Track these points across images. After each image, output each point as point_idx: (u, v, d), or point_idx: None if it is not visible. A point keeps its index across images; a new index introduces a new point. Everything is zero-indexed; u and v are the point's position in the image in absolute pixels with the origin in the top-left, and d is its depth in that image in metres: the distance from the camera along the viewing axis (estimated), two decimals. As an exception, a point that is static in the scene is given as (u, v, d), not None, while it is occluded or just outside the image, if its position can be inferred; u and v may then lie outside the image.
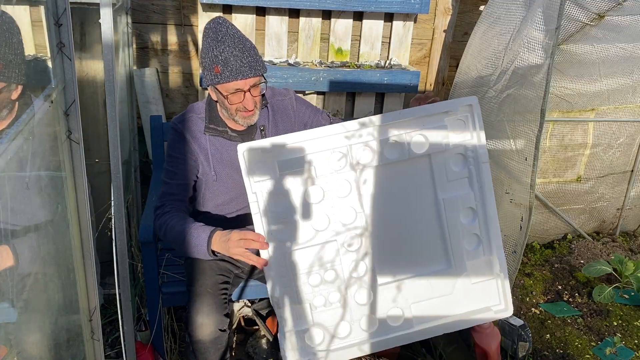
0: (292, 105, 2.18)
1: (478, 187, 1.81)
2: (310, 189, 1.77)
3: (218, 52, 1.86)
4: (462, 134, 1.79)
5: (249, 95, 1.92)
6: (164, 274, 2.35)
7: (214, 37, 1.88)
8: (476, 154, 1.80)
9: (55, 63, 1.26)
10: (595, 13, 2.60)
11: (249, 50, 1.90)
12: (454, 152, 1.79)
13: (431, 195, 1.80)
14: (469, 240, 1.85)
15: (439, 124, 1.76)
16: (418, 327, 1.88)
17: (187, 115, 2.10)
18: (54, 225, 1.43)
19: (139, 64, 3.13)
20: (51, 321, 1.44)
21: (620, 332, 2.74)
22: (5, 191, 1.17)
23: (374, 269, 1.81)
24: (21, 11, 2.73)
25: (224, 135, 2.07)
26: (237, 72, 1.87)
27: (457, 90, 3.18)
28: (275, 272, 1.79)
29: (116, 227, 1.80)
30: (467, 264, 1.85)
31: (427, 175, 1.79)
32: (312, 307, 1.80)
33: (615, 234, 3.66)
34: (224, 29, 1.89)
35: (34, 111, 1.44)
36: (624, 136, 3.37)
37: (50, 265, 1.47)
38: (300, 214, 1.77)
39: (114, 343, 2.49)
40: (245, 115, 1.97)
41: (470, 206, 1.83)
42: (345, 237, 1.78)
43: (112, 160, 1.71)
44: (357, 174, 1.77)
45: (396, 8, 3.12)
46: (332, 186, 1.78)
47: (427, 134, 1.76)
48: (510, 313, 1.91)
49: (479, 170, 1.81)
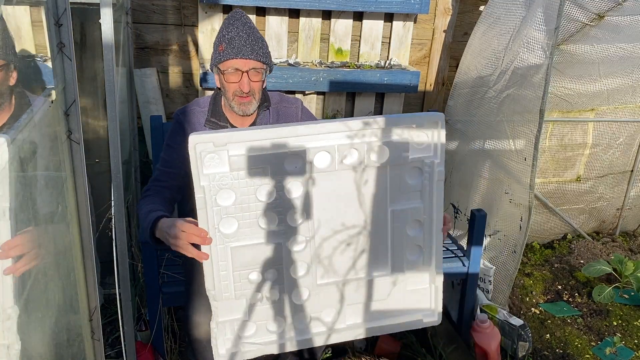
0: (297, 115, 2.17)
1: (428, 201, 1.80)
2: (261, 187, 1.72)
3: (226, 31, 1.92)
4: (423, 149, 1.77)
5: (246, 77, 1.93)
6: (164, 274, 2.35)
7: (226, 22, 1.95)
8: (432, 170, 1.78)
9: (55, 63, 1.26)
10: (595, 13, 2.60)
11: (257, 38, 1.94)
12: (411, 165, 1.78)
13: (383, 205, 1.79)
14: (411, 251, 1.85)
15: (402, 136, 1.75)
16: (348, 328, 1.90)
17: (190, 107, 2.11)
18: (54, 225, 1.43)
19: (139, 64, 3.13)
20: (51, 321, 1.44)
21: (620, 332, 2.74)
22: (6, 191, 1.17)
23: (315, 270, 1.81)
24: (21, 11, 2.73)
25: (223, 129, 2.07)
26: (238, 51, 1.89)
27: (457, 90, 3.19)
28: (215, 267, 1.75)
29: (116, 227, 1.80)
30: (406, 272, 1.87)
31: (382, 185, 1.78)
32: (248, 303, 1.79)
33: (615, 234, 3.66)
34: (238, 16, 1.95)
35: (34, 111, 1.44)
36: (623, 136, 3.38)
37: (51, 265, 1.47)
38: (248, 211, 1.74)
39: (114, 343, 2.49)
40: (241, 100, 1.96)
41: (418, 219, 1.82)
42: (292, 238, 1.77)
43: (112, 160, 1.71)
44: (310, 176, 1.74)
45: (396, 8, 3.12)
46: (284, 186, 1.74)
47: (389, 145, 1.75)
48: (439, 322, 1.93)
49: (432, 187, 1.79)
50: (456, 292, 2.77)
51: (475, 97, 2.99)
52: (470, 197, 2.99)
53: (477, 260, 2.57)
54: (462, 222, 3.00)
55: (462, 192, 3.07)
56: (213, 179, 1.68)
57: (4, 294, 1.15)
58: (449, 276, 2.68)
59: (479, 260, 2.58)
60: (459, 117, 3.16)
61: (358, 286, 1.86)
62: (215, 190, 1.69)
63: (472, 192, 2.99)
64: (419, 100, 3.54)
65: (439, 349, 2.52)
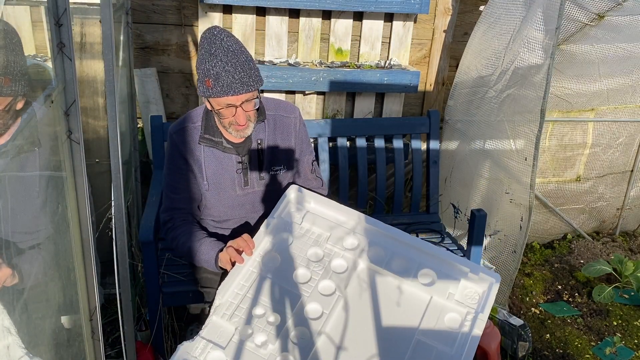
0: (295, 125, 2.13)
1: (456, 350, 1.69)
2: (313, 248, 1.92)
3: (210, 65, 1.82)
4: (469, 300, 1.78)
5: (240, 110, 1.87)
6: (164, 274, 2.35)
7: (207, 49, 1.83)
8: (472, 326, 1.72)
9: (56, 63, 1.26)
10: (595, 13, 2.60)
11: (242, 65, 1.83)
12: (452, 309, 1.77)
13: (412, 328, 1.74)
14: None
15: (453, 276, 1.82)
16: None
17: (183, 125, 2.06)
18: (54, 225, 1.43)
19: (139, 64, 3.13)
20: (52, 321, 1.44)
21: (620, 331, 2.74)
22: (6, 191, 1.17)
23: (314, 348, 1.74)
24: (21, 11, 2.73)
25: (218, 146, 2.03)
26: (227, 88, 1.82)
27: (457, 90, 3.19)
28: (236, 282, 1.85)
29: (116, 227, 1.80)
30: None
31: (419, 309, 1.79)
32: (238, 337, 1.75)
33: (615, 234, 3.66)
34: (218, 42, 1.83)
35: (35, 111, 1.44)
36: (623, 136, 3.38)
37: (51, 265, 1.47)
38: (293, 260, 1.89)
39: (114, 343, 2.49)
40: (238, 128, 1.93)
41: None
42: (313, 302, 1.81)
43: (112, 160, 1.71)
44: (356, 262, 1.89)
45: (396, 8, 3.12)
46: (332, 260, 1.90)
47: (435, 274, 1.83)
48: None
49: (465, 342, 1.70)
50: (456, 292, 2.77)
51: (475, 97, 2.99)
52: (470, 197, 2.99)
53: (477, 260, 2.57)
54: (462, 222, 3.00)
55: (462, 192, 3.07)
56: (284, 219, 1.98)
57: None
58: (449, 276, 2.69)
59: (479, 260, 2.58)
60: (459, 117, 3.16)
61: None
62: (281, 228, 1.96)
63: (472, 192, 2.99)
64: (419, 100, 3.54)
65: (439, 349, 2.52)
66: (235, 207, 2.11)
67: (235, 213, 2.13)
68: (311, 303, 1.79)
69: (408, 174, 3.29)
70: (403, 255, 1.87)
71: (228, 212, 2.12)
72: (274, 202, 2.11)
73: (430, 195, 3.00)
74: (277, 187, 2.14)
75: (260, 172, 2.08)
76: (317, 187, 2.23)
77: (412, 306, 1.78)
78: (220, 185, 2.06)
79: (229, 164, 2.05)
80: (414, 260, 1.86)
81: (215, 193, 2.07)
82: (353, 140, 2.95)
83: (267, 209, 2.15)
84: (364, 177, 2.94)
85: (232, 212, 2.12)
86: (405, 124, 3.00)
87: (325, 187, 2.29)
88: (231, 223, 2.16)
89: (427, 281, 1.82)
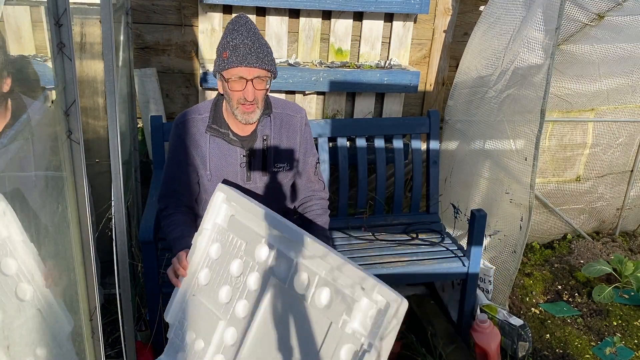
0: (301, 125, 2.15)
1: None
2: (235, 261, 1.78)
3: (230, 38, 1.88)
4: (364, 328, 1.48)
5: (250, 85, 1.90)
6: (164, 274, 2.35)
7: (230, 27, 1.91)
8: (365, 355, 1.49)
9: (56, 63, 1.26)
10: (595, 13, 2.60)
11: (261, 45, 1.91)
12: (348, 339, 1.50)
13: (314, 351, 1.56)
14: None
15: (353, 296, 1.52)
16: None
17: (188, 116, 2.09)
18: (54, 225, 1.43)
19: (139, 64, 3.13)
20: (51, 321, 1.44)
21: (620, 332, 2.74)
22: (6, 191, 1.17)
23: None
24: (21, 11, 2.73)
25: (224, 137, 2.05)
26: (242, 59, 1.86)
27: (457, 90, 3.19)
28: (173, 308, 1.89)
29: (116, 227, 1.80)
30: None
31: (319, 336, 1.56)
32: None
33: (615, 234, 3.66)
34: (242, 21, 1.91)
35: (34, 111, 1.44)
36: (623, 136, 3.38)
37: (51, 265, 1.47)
38: (219, 276, 1.82)
39: (114, 343, 2.49)
40: (245, 110, 1.94)
41: None
42: (231, 327, 1.74)
43: (112, 160, 1.71)
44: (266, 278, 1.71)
45: (396, 8, 3.12)
46: (247, 276, 1.75)
47: (334, 294, 1.55)
48: None
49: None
50: (456, 292, 2.77)
51: (475, 97, 2.99)
52: (470, 197, 2.99)
53: (477, 260, 2.57)
54: (462, 222, 3.00)
55: (462, 192, 3.07)
56: (214, 228, 1.85)
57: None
58: (449, 276, 2.69)
59: (479, 260, 2.58)
60: (459, 117, 3.16)
61: None
62: (213, 240, 1.85)
63: (472, 192, 2.99)
64: (419, 100, 3.54)
65: (439, 349, 2.52)
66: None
67: None
68: (229, 328, 1.75)
69: (408, 174, 3.29)
70: (307, 269, 1.62)
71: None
72: (273, 199, 2.13)
73: (430, 195, 3.00)
74: (278, 185, 2.16)
75: (263, 169, 2.10)
76: (319, 190, 2.25)
77: (315, 332, 1.58)
78: (223, 178, 2.08)
79: (233, 158, 2.07)
80: (316, 274, 1.60)
81: (216, 183, 2.09)
82: (353, 140, 2.95)
83: (267, 205, 2.16)
84: (364, 177, 2.94)
85: None
86: (405, 124, 3.00)
87: (326, 190, 2.30)
88: None
89: (324, 303, 1.56)
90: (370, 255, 2.62)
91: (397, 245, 2.72)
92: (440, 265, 2.57)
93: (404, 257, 2.61)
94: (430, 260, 2.60)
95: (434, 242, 2.76)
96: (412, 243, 2.75)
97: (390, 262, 2.57)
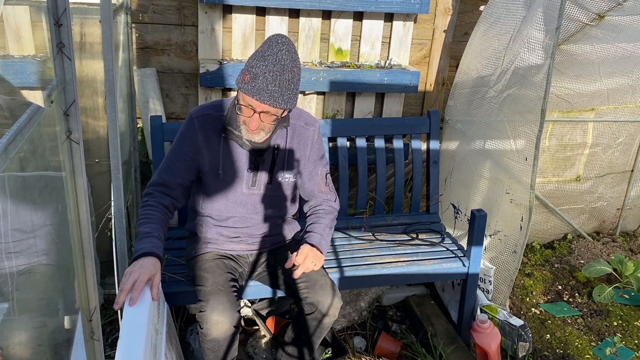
0: (312, 138, 2.16)
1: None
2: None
3: (255, 63, 1.85)
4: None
5: (256, 116, 1.90)
6: (164, 274, 2.34)
7: (262, 51, 1.87)
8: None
9: (55, 63, 1.26)
10: (595, 13, 2.60)
11: (282, 82, 1.85)
12: None
13: None
14: None
15: None
16: None
17: (207, 111, 2.08)
18: (54, 225, 1.43)
19: (139, 64, 3.12)
20: (51, 321, 1.44)
21: (620, 332, 2.74)
22: (6, 191, 1.17)
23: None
24: (21, 11, 2.73)
25: (237, 140, 2.06)
26: (256, 92, 1.84)
27: (457, 90, 3.18)
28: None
29: (116, 227, 1.80)
30: None
31: None
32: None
33: (615, 234, 3.66)
34: (276, 50, 1.85)
35: (34, 111, 1.44)
36: (623, 136, 3.37)
37: (50, 265, 1.47)
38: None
39: (114, 343, 2.49)
40: (248, 130, 1.96)
41: None
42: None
43: (112, 160, 1.71)
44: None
45: (396, 8, 3.12)
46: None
47: None
48: None
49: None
50: (456, 292, 2.77)
51: (475, 97, 2.99)
52: (470, 197, 2.99)
53: (478, 260, 2.57)
54: (462, 222, 3.00)
55: (462, 192, 3.07)
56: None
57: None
58: (449, 276, 2.68)
59: (479, 260, 2.58)
60: (459, 117, 3.16)
61: None
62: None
63: (472, 192, 2.99)
64: (419, 100, 3.54)
65: (439, 349, 2.52)
66: (238, 204, 2.14)
67: (237, 211, 2.15)
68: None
69: (408, 174, 3.29)
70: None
71: (230, 208, 2.15)
72: (275, 207, 2.18)
73: (430, 196, 3.00)
74: (281, 193, 2.19)
75: (269, 176, 2.13)
76: (330, 200, 2.26)
77: None
78: (230, 179, 2.09)
79: (242, 161, 2.09)
80: None
81: (223, 185, 2.10)
82: (353, 140, 2.95)
83: (267, 212, 2.19)
84: (364, 177, 2.94)
85: (234, 210, 2.15)
86: (405, 124, 3.00)
87: (338, 202, 2.29)
88: (231, 222, 2.18)
89: None
90: (370, 255, 2.62)
91: (397, 245, 2.73)
92: (441, 266, 2.57)
93: (404, 257, 2.61)
94: (431, 261, 2.60)
95: (434, 242, 2.76)
96: (412, 243, 2.75)
97: (390, 262, 2.57)
